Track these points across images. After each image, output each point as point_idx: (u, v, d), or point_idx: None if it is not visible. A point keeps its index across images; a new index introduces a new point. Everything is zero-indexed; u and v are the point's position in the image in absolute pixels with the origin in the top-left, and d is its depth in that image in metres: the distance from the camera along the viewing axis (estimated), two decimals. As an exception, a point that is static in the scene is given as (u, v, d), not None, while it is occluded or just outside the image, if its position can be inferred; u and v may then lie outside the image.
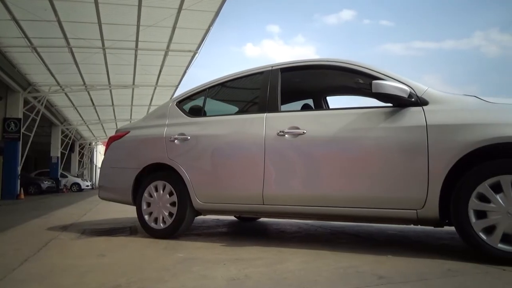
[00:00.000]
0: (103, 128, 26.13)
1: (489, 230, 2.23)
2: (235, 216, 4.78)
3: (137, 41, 11.52)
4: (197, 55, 12.84)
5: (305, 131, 2.83)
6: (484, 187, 2.24)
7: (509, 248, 2.16)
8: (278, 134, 2.93)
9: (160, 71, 14.27)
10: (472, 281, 1.90)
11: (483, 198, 2.25)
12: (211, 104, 3.79)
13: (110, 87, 15.68)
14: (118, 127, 4.55)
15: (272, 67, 3.27)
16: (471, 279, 1.94)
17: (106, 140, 4.77)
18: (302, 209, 2.85)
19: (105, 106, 19.53)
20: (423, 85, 2.63)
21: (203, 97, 3.66)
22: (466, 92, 2.61)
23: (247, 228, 4.16)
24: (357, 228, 3.86)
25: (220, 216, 5.08)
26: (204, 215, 3.64)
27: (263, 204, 2.96)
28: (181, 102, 3.73)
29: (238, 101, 4.25)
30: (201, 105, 3.64)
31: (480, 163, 2.29)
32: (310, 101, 4.15)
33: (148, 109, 19.66)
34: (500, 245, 2.18)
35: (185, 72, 14.62)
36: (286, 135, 2.90)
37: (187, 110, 3.66)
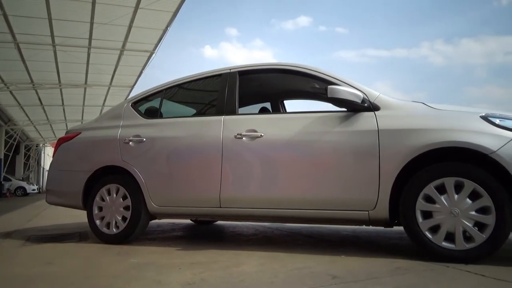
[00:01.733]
0: (52, 129, 24.86)
1: (434, 229, 2.36)
2: (191, 220, 4.71)
3: (90, 39, 11.09)
4: (154, 55, 12.60)
5: (262, 134, 2.86)
6: (430, 189, 2.37)
7: (452, 246, 2.30)
8: (235, 137, 2.93)
9: (115, 71, 13.83)
10: (418, 278, 2.00)
11: (429, 199, 2.38)
12: (168, 106, 3.72)
13: (60, 86, 14.95)
14: (69, 128, 4.34)
15: (230, 69, 3.27)
16: (418, 276, 2.04)
17: (55, 141, 4.54)
18: (259, 211, 2.86)
19: (55, 106, 18.61)
20: (375, 91, 2.74)
21: (159, 99, 3.58)
22: (414, 98, 2.76)
23: (203, 232, 4.12)
24: (312, 230, 3.94)
25: (175, 219, 4.99)
26: (159, 219, 3.55)
27: (220, 207, 2.95)
28: (136, 103, 3.63)
29: (196, 103, 4.20)
30: (158, 107, 3.56)
31: (426, 166, 2.42)
32: (267, 105, 4.19)
33: (102, 109, 18.97)
34: (444, 243, 2.32)
35: (141, 72, 14.28)
36: (243, 138, 2.91)
37: (143, 112, 3.57)
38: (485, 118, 2.40)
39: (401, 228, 2.54)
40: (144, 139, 3.30)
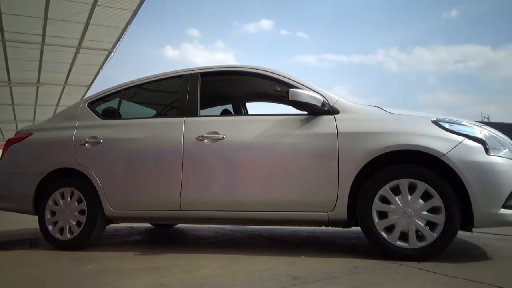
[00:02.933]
0: (0, 129, 23.41)
1: (389, 229, 2.46)
2: (150, 223, 4.60)
3: (44, 35, 10.57)
4: (112, 54, 12.22)
5: (224, 136, 2.85)
6: (385, 190, 2.47)
7: (406, 245, 2.41)
8: (197, 139, 2.90)
9: (70, 69, 13.27)
10: (375, 277, 2.07)
11: (384, 200, 2.48)
12: (127, 107, 3.62)
13: (10, 84, 14.11)
14: (19, 128, 4.11)
15: (192, 71, 3.24)
16: (374, 274, 2.12)
17: (4, 142, 4.27)
18: (221, 214, 2.85)
19: (4, 105, 17.54)
20: (335, 95, 2.81)
21: (118, 99, 3.48)
22: (371, 102, 2.86)
23: (163, 235, 4.03)
24: (273, 231, 3.97)
25: (134, 223, 4.85)
26: (117, 223, 3.44)
27: (181, 210, 2.90)
28: (93, 103, 3.50)
29: (156, 104, 4.12)
30: (116, 107, 3.45)
31: (382, 168, 2.52)
32: (229, 107, 4.19)
33: (55, 109, 18.11)
34: (398, 243, 2.42)
35: (98, 71, 13.80)
36: (205, 140, 2.88)
37: (100, 112, 3.44)
38: (436, 122, 2.53)
39: (358, 228, 2.62)
40: (101, 141, 3.18)
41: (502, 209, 2.32)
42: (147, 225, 4.72)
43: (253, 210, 2.76)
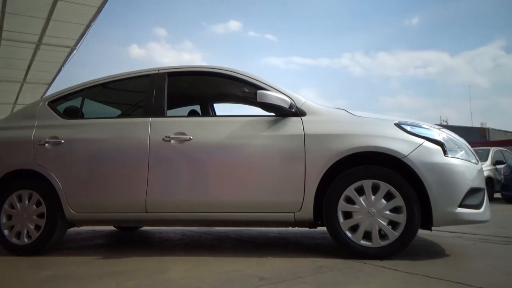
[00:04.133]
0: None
1: (354, 228, 2.52)
2: (114, 226, 4.48)
3: (1, 30, 10.04)
4: (75, 51, 11.79)
5: (191, 137, 2.82)
6: (350, 191, 2.53)
7: (369, 244, 2.48)
8: (163, 140, 2.85)
9: (29, 66, 12.67)
10: (339, 276, 2.11)
11: (349, 201, 2.54)
12: (90, 106, 3.50)
13: (-38, 80, 13.32)
14: (-28, 127, 3.86)
15: (159, 70, 3.18)
16: (339, 273, 2.16)
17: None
18: (187, 215, 2.81)
19: (-45, 103, 16.52)
20: (302, 97, 2.85)
21: (81, 98, 3.36)
22: (337, 105, 2.92)
23: (128, 238, 3.93)
24: (240, 232, 3.97)
25: (97, 226, 4.70)
26: (78, 226, 3.32)
27: (146, 212, 2.84)
28: (54, 102, 3.35)
29: (121, 104, 4.02)
30: (78, 106, 3.33)
31: (347, 169, 2.58)
32: (197, 107, 4.15)
33: (13, 108, 17.23)
34: (362, 242, 2.49)
35: (60, 69, 13.26)
36: (172, 141, 2.84)
37: (62, 111, 3.31)
38: (398, 125, 2.62)
39: (324, 228, 2.66)
40: (63, 141, 3.06)
41: (459, 208, 2.44)
42: (111, 228, 4.59)
43: (221, 211, 2.75)
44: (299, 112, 2.76)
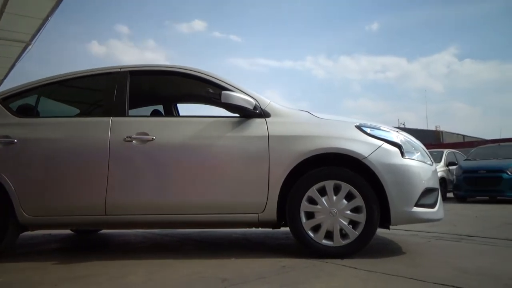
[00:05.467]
0: None
1: (316, 228, 2.57)
2: (71, 230, 4.30)
3: None
4: (30, 46, 11.22)
5: (154, 138, 2.76)
6: (313, 191, 2.58)
7: (331, 243, 2.54)
8: (125, 140, 2.78)
9: (-21, 61, 11.94)
10: (302, 275, 2.15)
11: (312, 201, 2.59)
12: (47, 104, 3.35)
13: None
14: None
15: (120, 68, 3.09)
16: (302, 273, 2.19)
17: None
18: (149, 217, 2.75)
19: None
20: (266, 99, 2.88)
21: (36, 96, 3.20)
22: (300, 107, 2.97)
23: (86, 242, 3.79)
24: (204, 234, 3.94)
25: (53, 230, 4.50)
26: (32, 230, 3.17)
27: (106, 215, 2.75)
28: (6, 100, 3.17)
29: (80, 103, 3.87)
30: (34, 105, 3.17)
31: (310, 170, 2.63)
32: (160, 107, 4.07)
33: (-40, 105, 16.13)
34: (324, 241, 2.55)
35: (13, 65, 12.57)
36: (133, 141, 2.77)
37: (15, 109, 3.13)
38: (359, 127, 2.71)
39: (287, 228, 2.70)
40: (15, 141, 2.90)
41: (415, 207, 2.55)
42: (68, 231, 4.40)
43: (183, 213, 2.71)
44: (263, 114, 2.78)
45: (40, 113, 3.17)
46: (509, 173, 8.43)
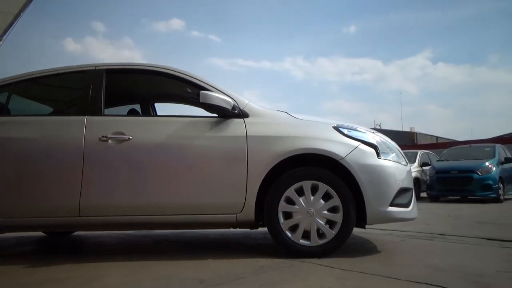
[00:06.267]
0: None
1: (294, 228, 2.59)
2: (43, 232, 4.18)
3: None
4: (1, 42, 10.84)
5: (130, 137, 2.71)
6: (290, 192, 2.60)
7: (308, 243, 2.56)
8: (100, 139, 2.72)
9: None
10: (280, 275, 2.16)
11: (290, 201, 2.60)
12: (19, 102, 3.24)
13: None
14: None
15: (96, 66, 3.02)
16: (279, 273, 2.20)
17: None
18: (125, 219, 2.70)
19: None
20: (245, 99, 2.88)
21: (7, 93, 3.09)
22: (279, 108, 2.98)
23: (59, 245, 3.69)
24: (181, 235, 3.90)
25: (24, 232, 4.35)
26: (3, 232, 3.06)
27: (80, 216, 2.68)
28: (-26, 97, 3.05)
29: (54, 101, 3.76)
30: (4, 102, 3.06)
31: (289, 171, 2.64)
32: (137, 107, 4.01)
33: None
34: (302, 241, 2.57)
35: (-17, 61, 12.13)
36: (109, 141, 2.72)
37: (-16, 107, 3.02)
38: (336, 128, 2.74)
39: (265, 228, 2.70)
40: (-16, 140, 2.79)
41: (390, 207, 2.61)
42: (40, 234, 4.27)
43: (160, 214, 2.68)
44: (242, 114, 2.78)
45: (11, 111, 3.07)
46: (479, 174, 8.74)
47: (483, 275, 2.11)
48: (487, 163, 8.94)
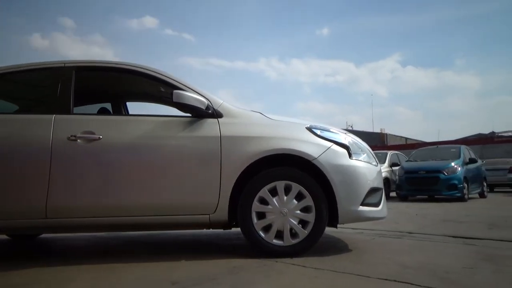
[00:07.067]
0: None
1: (267, 228, 2.60)
2: (6, 234, 4.00)
3: None
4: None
5: (101, 137, 2.64)
6: (264, 192, 2.61)
7: (281, 243, 2.58)
8: (69, 139, 2.63)
9: None
10: (252, 275, 2.16)
11: (263, 201, 2.61)
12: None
13: None
14: None
15: (65, 63, 2.93)
16: (252, 273, 2.21)
17: None
18: (94, 220, 2.63)
19: None
20: (219, 99, 2.86)
21: (-33, 90, 2.94)
22: (253, 108, 2.98)
23: (23, 248, 3.54)
24: (152, 237, 3.84)
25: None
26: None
27: (46, 218, 2.58)
28: None
29: (20, 99, 3.61)
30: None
31: (262, 171, 2.65)
32: (108, 105, 3.91)
33: None
34: (275, 241, 2.58)
35: None
36: (78, 140, 2.63)
37: None
38: (309, 129, 2.77)
39: (238, 229, 2.70)
40: None
41: (361, 206, 2.66)
42: (3, 236, 4.09)
43: (132, 215, 2.62)
44: (215, 114, 2.76)
45: (-28, 108, 2.92)
46: (446, 174, 9.07)
47: (449, 271, 2.19)
48: (452, 164, 9.29)
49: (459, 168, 9.19)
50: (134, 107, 4.14)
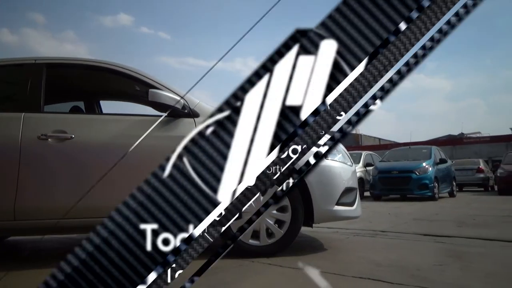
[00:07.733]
0: None
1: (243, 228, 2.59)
2: (-27, 238, 3.84)
3: None
4: None
5: (72, 136, 2.57)
6: (240, 192, 2.60)
7: (257, 243, 2.59)
8: (39, 138, 2.54)
9: None
10: (230, 275, 2.15)
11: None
12: None
13: None
14: None
15: (35, 60, 2.83)
16: (230, 273, 2.20)
17: None
18: (65, 222, 2.55)
19: None
20: (196, 99, 2.84)
21: None
22: (230, 108, 2.96)
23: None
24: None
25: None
26: None
27: (15, 220, 2.49)
28: None
29: (-14, 96, 3.47)
30: None
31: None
32: (80, 104, 3.81)
33: None
34: (251, 241, 2.59)
35: None
36: (49, 139, 2.55)
37: None
38: (286, 129, 2.79)
39: (215, 229, 2.68)
40: None
41: (336, 206, 2.70)
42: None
43: (104, 216, 2.55)
44: (192, 114, 2.73)
45: None
46: (417, 174, 9.33)
47: (420, 269, 2.26)
48: (424, 164, 9.56)
49: (430, 168, 9.46)
50: (108, 106, 4.06)
